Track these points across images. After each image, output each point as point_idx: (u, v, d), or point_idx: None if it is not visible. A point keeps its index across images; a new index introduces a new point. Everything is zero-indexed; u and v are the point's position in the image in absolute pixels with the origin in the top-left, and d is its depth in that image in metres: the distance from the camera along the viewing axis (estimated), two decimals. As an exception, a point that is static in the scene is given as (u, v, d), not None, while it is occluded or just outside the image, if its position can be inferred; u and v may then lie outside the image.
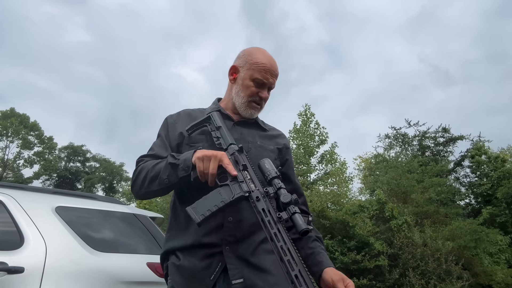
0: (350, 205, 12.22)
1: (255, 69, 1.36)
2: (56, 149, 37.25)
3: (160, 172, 1.22)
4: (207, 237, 1.21)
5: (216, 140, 1.30)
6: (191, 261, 1.21)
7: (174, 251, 1.27)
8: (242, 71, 1.39)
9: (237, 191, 1.13)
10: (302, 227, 1.01)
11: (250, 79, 1.36)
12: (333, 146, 15.95)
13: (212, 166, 1.13)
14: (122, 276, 2.44)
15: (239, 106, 1.39)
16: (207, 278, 1.18)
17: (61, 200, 2.68)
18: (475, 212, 16.02)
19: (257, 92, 1.37)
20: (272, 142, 1.44)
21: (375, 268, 10.81)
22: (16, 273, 2.11)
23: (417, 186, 13.12)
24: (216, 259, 1.20)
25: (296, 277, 0.95)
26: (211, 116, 1.36)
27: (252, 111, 1.40)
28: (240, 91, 1.38)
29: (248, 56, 1.39)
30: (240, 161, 1.20)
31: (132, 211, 3.04)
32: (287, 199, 1.07)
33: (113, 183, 37.92)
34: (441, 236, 11.40)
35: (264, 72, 1.35)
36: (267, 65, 1.36)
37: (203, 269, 1.19)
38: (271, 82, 1.38)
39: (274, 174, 1.14)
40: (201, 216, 1.09)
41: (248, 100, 1.38)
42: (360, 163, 20.78)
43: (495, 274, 12.08)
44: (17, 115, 34.51)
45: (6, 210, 2.36)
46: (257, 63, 1.36)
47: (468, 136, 17.99)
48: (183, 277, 1.21)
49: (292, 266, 0.97)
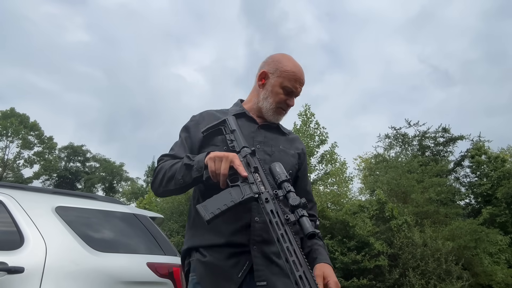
0: (350, 205, 12.22)
1: (285, 77, 1.41)
2: (56, 149, 37.28)
3: (176, 172, 1.27)
4: (235, 236, 1.24)
5: (229, 143, 1.34)
6: (218, 258, 1.24)
7: (198, 248, 1.29)
8: (272, 77, 1.43)
9: (247, 192, 1.16)
10: (309, 230, 1.04)
11: (280, 87, 1.41)
12: (333, 146, 15.95)
13: (224, 167, 1.17)
14: (122, 276, 2.44)
15: (266, 111, 1.44)
16: (235, 276, 1.21)
17: (61, 200, 2.68)
18: (475, 212, 16.02)
19: (285, 99, 1.43)
20: (292, 146, 1.49)
21: (375, 268, 10.81)
22: (16, 273, 2.11)
23: (417, 186, 13.12)
24: (243, 258, 1.23)
25: (300, 278, 0.96)
26: (226, 120, 1.40)
27: (279, 116, 1.46)
28: (269, 97, 1.43)
29: (278, 63, 1.44)
30: (252, 163, 1.23)
31: (132, 211, 3.04)
32: (295, 202, 1.09)
33: (113, 183, 37.93)
34: (441, 236, 11.40)
35: (294, 81, 1.41)
36: (297, 74, 1.42)
37: (231, 267, 1.22)
38: (299, 91, 1.44)
39: (284, 178, 1.18)
40: (210, 214, 1.12)
41: (277, 106, 1.43)
42: (360, 163, 20.79)
43: (495, 274, 12.08)
44: (17, 115, 34.51)
45: (6, 210, 2.37)
46: (287, 71, 1.41)
47: (468, 136, 18.00)
48: (211, 273, 1.23)
49: (297, 267, 0.99)
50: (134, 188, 33.07)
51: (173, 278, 2.65)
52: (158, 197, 1.58)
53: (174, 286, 2.64)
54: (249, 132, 1.40)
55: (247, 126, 1.42)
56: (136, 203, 22.34)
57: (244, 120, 1.44)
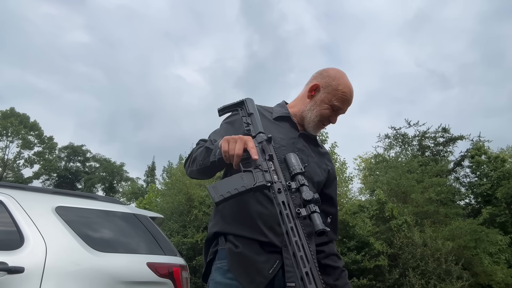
0: (350, 205, 12.21)
1: (335, 95, 1.41)
2: (56, 149, 37.27)
3: (198, 154, 1.30)
4: (270, 235, 1.24)
5: (245, 126, 1.32)
6: (251, 250, 1.24)
7: (227, 235, 1.28)
8: (322, 91, 1.43)
9: (260, 179, 1.13)
10: (320, 227, 1.01)
11: (328, 103, 1.41)
12: (333, 146, 15.94)
13: (238, 147, 1.14)
14: (122, 276, 2.44)
15: (308, 122, 1.44)
16: (266, 271, 1.21)
17: (61, 200, 2.68)
18: (475, 212, 16.02)
19: (329, 115, 1.43)
20: (324, 160, 1.49)
21: (375, 268, 10.81)
22: (16, 273, 2.11)
23: (417, 186, 13.12)
24: (274, 256, 1.23)
25: (307, 274, 0.94)
26: (244, 102, 1.40)
27: (318, 130, 1.46)
28: (315, 110, 1.43)
29: (332, 80, 1.43)
30: (267, 151, 1.20)
31: (132, 211, 3.04)
32: (309, 196, 1.05)
33: (113, 183, 37.91)
34: (441, 236, 11.40)
35: (342, 100, 1.41)
36: (347, 95, 1.42)
37: (263, 262, 1.22)
38: (345, 110, 1.45)
39: (298, 170, 1.13)
40: (220, 196, 1.11)
41: (320, 120, 1.43)
42: (360, 163, 20.79)
43: (495, 274, 12.08)
44: (17, 115, 34.50)
45: (6, 210, 2.36)
46: (339, 90, 1.41)
47: (468, 136, 18.00)
48: (243, 265, 1.23)
49: (304, 263, 0.96)
50: (134, 188, 33.02)
51: (173, 278, 2.64)
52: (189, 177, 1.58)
53: (174, 286, 2.64)
54: (290, 137, 1.39)
55: (289, 130, 1.41)
56: (136, 203, 22.32)
57: (287, 124, 1.44)
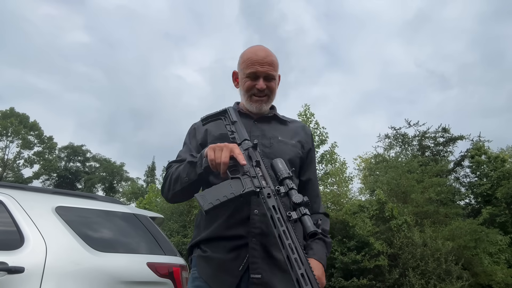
0: (350, 205, 12.20)
1: (246, 66, 1.39)
2: (56, 149, 37.28)
3: (181, 172, 1.27)
4: (234, 229, 1.24)
5: (230, 134, 1.32)
6: (219, 252, 1.24)
7: (199, 244, 1.30)
8: (239, 73, 1.44)
9: (248, 186, 1.13)
10: (311, 229, 1.02)
11: (245, 77, 1.40)
12: (333, 146, 15.93)
13: (224, 155, 1.14)
14: (122, 276, 2.44)
15: (246, 105, 1.44)
16: (236, 270, 1.20)
17: (61, 200, 2.68)
18: (475, 212, 16.00)
19: (253, 85, 1.38)
20: (294, 135, 1.45)
21: (375, 268, 10.80)
22: (16, 273, 2.11)
23: (417, 186, 13.10)
24: (243, 251, 1.22)
25: (302, 276, 0.95)
26: (227, 110, 1.40)
27: (257, 104, 1.41)
28: (242, 91, 1.43)
29: (240, 59, 1.44)
30: (254, 157, 1.21)
31: (132, 211, 3.04)
32: (298, 199, 1.06)
33: (113, 183, 37.91)
34: (441, 236, 11.39)
35: (252, 64, 1.37)
36: (254, 57, 1.38)
37: (231, 260, 1.22)
38: (263, 70, 1.37)
39: (286, 175, 1.14)
40: (209, 204, 1.10)
41: (248, 95, 1.40)
42: (360, 163, 20.78)
43: (495, 274, 12.07)
44: (17, 115, 34.50)
45: (6, 210, 2.37)
46: (246, 60, 1.40)
47: (468, 136, 17.99)
48: (212, 268, 1.24)
49: (299, 264, 0.97)
50: (134, 188, 33.02)
51: (173, 278, 2.65)
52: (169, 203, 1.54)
53: (174, 286, 2.64)
54: (246, 128, 1.37)
55: (244, 122, 1.39)
56: (136, 203, 22.31)
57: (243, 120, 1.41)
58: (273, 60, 1.40)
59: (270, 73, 1.38)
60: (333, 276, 10.72)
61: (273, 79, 1.41)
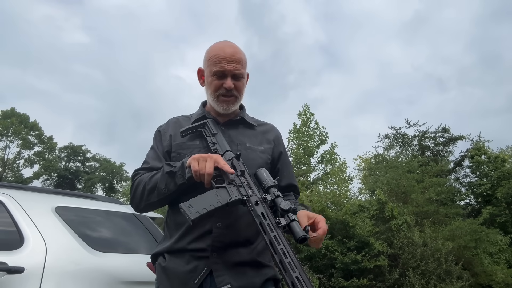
0: (350, 205, 12.19)
1: (211, 64, 1.32)
2: (56, 149, 37.25)
3: (158, 182, 1.23)
4: (196, 242, 1.22)
5: (212, 146, 1.29)
6: (177, 263, 1.22)
7: (162, 253, 1.28)
8: (205, 71, 1.37)
9: (235, 194, 1.13)
10: (300, 234, 1.02)
11: (211, 75, 1.33)
12: (333, 146, 15.94)
13: (209, 166, 1.12)
14: (122, 276, 2.44)
15: (213, 105, 1.38)
16: (191, 282, 1.19)
17: (61, 200, 2.68)
18: (475, 212, 16.00)
19: (220, 84, 1.32)
20: (263, 140, 1.41)
21: (375, 268, 10.80)
22: (16, 273, 2.11)
23: (417, 186, 13.10)
24: (202, 263, 1.20)
25: (297, 279, 0.95)
26: (206, 123, 1.35)
27: (224, 105, 1.35)
28: (208, 90, 1.36)
29: (206, 55, 1.37)
30: (238, 167, 1.20)
31: (132, 211, 3.04)
32: (286, 206, 1.07)
33: (113, 183, 37.89)
34: (441, 236, 11.39)
35: (218, 62, 1.30)
36: (221, 54, 1.31)
37: (188, 272, 1.20)
38: (230, 68, 1.30)
39: (271, 183, 1.15)
40: (196, 213, 1.07)
41: (216, 95, 1.34)
42: (360, 163, 20.79)
43: (495, 274, 12.07)
44: (17, 115, 34.49)
45: (6, 210, 2.36)
46: (212, 57, 1.32)
47: (468, 136, 17.98)
48: (168, 278, 1.22)
49: (293, 268, 0.97)
50: (134, 188, 32.95)
51: (173, 278, 2.64)
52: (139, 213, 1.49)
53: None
54: None
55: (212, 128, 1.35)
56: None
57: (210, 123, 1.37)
58: (242, 57, 1.34)
59: (238, 72, 1.32)
60: (333, 276, 10.71)
61: (242, 78, 1.34)
